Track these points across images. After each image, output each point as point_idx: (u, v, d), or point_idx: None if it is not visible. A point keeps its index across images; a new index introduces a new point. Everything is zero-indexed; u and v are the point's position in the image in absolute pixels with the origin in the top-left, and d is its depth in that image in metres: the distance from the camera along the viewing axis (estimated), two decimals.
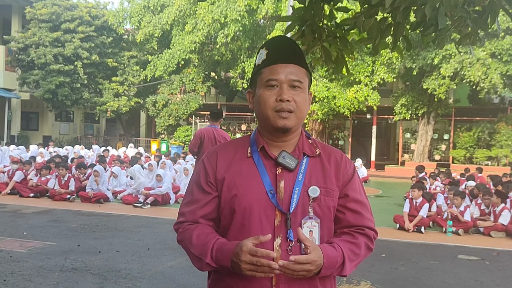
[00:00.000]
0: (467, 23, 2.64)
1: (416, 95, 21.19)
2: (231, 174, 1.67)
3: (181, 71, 24.78)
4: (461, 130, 22.53)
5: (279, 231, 1.60)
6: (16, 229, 7.65)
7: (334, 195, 1.69)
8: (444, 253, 7.12)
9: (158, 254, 6.34)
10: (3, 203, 10.20)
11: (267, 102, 1.65)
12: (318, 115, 21.82)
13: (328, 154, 1.75)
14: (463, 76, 18.68)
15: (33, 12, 23.55)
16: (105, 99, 24.35)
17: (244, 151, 1.72)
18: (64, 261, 5.89)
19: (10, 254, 6.10)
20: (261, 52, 1.71)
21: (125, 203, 10.64)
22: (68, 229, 7.82)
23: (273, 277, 1.57)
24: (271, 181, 1.64)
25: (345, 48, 3.67)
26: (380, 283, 5.48)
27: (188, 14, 22.13)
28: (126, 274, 5.46)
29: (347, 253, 1.62)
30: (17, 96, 24.85)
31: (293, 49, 1.70)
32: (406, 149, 24.01)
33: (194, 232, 1.65)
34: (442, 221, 8.70)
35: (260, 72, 1.68)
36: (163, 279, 5.35)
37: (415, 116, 21.95)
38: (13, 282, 5.02)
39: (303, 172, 1.67)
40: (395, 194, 14.12)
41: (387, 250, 7.13)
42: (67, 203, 10.45)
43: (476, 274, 5.99)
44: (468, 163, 20.95)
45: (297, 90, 1.66)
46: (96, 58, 23.68)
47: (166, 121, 24.84)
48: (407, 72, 20.69)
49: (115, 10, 24.73)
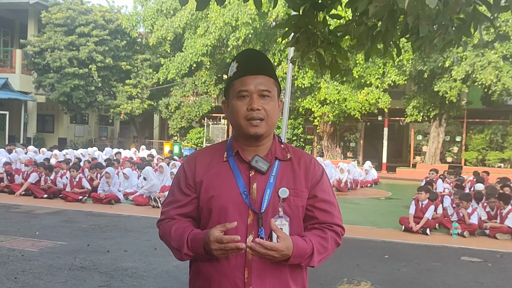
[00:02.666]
0: (449, 31, 2.75)
1: (427, 97, 21.12)
2: (209, 176, 1.82)
3: (193, 73, 25.04)
4: (474, 132, 22.40)
5: (252, 229, 1.74)
6: (28, 229, 7.88)
7: (303, 196, 1.82)
8: (447, 254, 7.18)
9: (164, 254, 6.48)
10: (17, 203, 10.48)
11: (239, 111, 1.79)
12: (329, 117, 21.89)
13: (298, 157, 1.88)
14: (475, 79, 18.59)
15: (48, 17, 24.00)
16: (118, 102, 24.71)
17: (221, 156, 1.86)
18: (73, 260, 6.09)
19: (22, 253, 6.31)
20: (233, 65, 1.85)
21: (136, 204, 10.85)
22: (79, 229, 8.03)
23: (246, 270, 1.72)
24: (245, 183, 1.78)
25: (339, 53, 3.78)
26: (380, 283, 5.57)
27: (200, 18, 22.37)
28: (133, 272, 5.63)
29: (316, 246, 1.75)
30: (33, 99, 25.33)
31: (261, 61, 1.84)
32: (418, 151, 23.93)
33: (173, 227, 1.81)
34: (448, 223, 8.74)
35: (232, 84, 1.82)
36: (168, 278, 5.51)
37: (427, 118, 21.88)
38: (23, 280, 5.21)
39: (275, 174, 1.81)
40: (405, 196, 14.13)
41: (390, 251, 7.21)
42: (79, 204, 10.70)
43: (477, 276, 6.04)
44: (480, 165, 20.84)
45: (266, 99, 1.79)
46: (110, 61, 24.05)
47: (179, 123, 25.12)
48: (419, 74, 20.63)
49: (129, 14, 25.09)
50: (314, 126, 23.95)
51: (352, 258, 6.68)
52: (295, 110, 23.66)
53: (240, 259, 1.72)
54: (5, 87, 23.72)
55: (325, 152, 24.03)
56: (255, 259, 1.71)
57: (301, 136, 24.56)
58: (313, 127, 24.25)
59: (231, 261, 1.72)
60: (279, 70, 21.03)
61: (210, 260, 1.74)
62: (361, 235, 8.39)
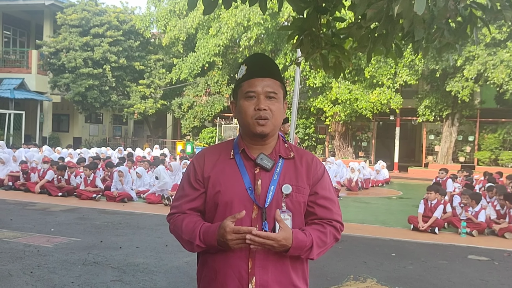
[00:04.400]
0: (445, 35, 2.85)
1: (440, 97, 21.04)
2: (216, 172, 1.94)
3: (206, 73, 25.23)
4: (486, 131, 22.26)
5: (256, 222, 1.86)
6: (44, 226, 8.10)
7: (305, 192, 1.94)
8: (454, 253, 7.23)
9: (175, 250, 6.64)
10: (33, 201, 10.73)
11: (247, 111, 1.91)
12: (341, 117, 21.91)
13: (300, 156, 2.01)
14: (487, 78, 18.50)
15: (63, 18, 24.36)
16: (132, 102, 25.00)
17: (228, 153, 1.99)
18: (87, 255, 6.27)
19: (38, 249, 6.51)
20: (242, 67, 1.98)
21: (148, 202, 11.05)
22: (93, 226, 8.23)
23: (249, 261, 1.84)
24: (250, 179, 1.90)
25: (342, 55, 3.90)
26: (386, 280, 5.66)
27: (212, 18, 22.53)
28: (144, 268, 5.79)
29: (316, 240, 1.87)
30: (48, 99, 25.75)
31: (269, 65, 1.97)
32: (430, 151, 23.84)
33: (184, 221, 1.93)
34: (457, 222, 8.77)
35: (241, 85, 1.95)
36: (178, 273, 5.66)
37: (439, 118, 21.79)
38: (38, 274, 5.40)
39: (278, 172, 1.93)
40: (416, 195, 14.13)
41: (398, 249, 7.28)
42: (93, 202, 10.92)
43: (483, 274, 6.10)
44: (493, 165, 20.72)
45: (273, 100, 1.92)
46: (124, 61, 24.35)
47: (192, 123, 25.34)
48: (431, 73, 20.57)
49: (142, 14, 25.34)
50: (325, 125, 24.00)
51: (359, 256, 6.78)
52: (307, 109, 23.73)
53: (244, 251, 1.83)
54: (21, 87, 24.18)
55: (337, 151, 24.06)
56: (258, 251, 1.82)
57: (313, 136, 24.61)
58: (325, 126, 24.29)
59: (236, 252, 1.83)
60: (290, 70, 21.12)
61: (217, 252, 1.86)
62: (370, 233, 8.47)
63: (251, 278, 1.83)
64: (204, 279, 1.96)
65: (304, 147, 24.25)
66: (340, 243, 7.42)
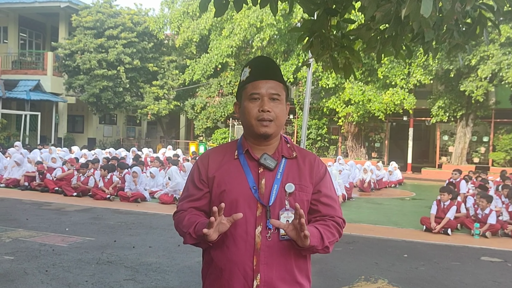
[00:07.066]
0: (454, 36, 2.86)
1: (454, 97, 20.88)
2: (221, 173, 1.99)
3: (218, 74, 25.34)
4: (501, 132, 22.02)
5: (260, 220, 1.91)
6: (59, 225, 8.22)
7: (308, 191, 1.99)
8: (467, 254, 7.19)
9: (187, 250, 6.70)
10: (48, 201, 10.88)
11: (251, 112, 1.96)
12: (354, 117, 21.84)
13: (303, 156, 2.05)
14: (502, 78, 18.32)
15: (78, 20, 24.65)
16: (146, 103, 25.20)
17: (232, 154, 2.03)
18: (100, 255, 6.36)
19: (53, 248, 6.62)
20: (245, 70, 2.02)
21: (161, 202, 11.14)
22: (107, 226, 8.34)
23: (254, 258, 1.87)
24: (254, 178, 1.95)
25: (352, 56, 3.92)
26: (398, 281, 5.65)
27: (225, 19, 22.62)
28: (156, 267, 5.86)
29: (323, 231, 1.91)
30: (63, 100, 26.05)
31: (272, 67, 2.02)
32: (443, 152, 23.65)
33: (186, 217, 1.99)
34: (470, 224, 8.72)
35: (245, 87, 1.99)
36: (190, 272, 5.72)
37: (453, 118, 21.61)
38: (53, 273, 5.50)
39: (281, 171, 1.98)
40: (429, 196, 14.04)
41: (410, 250, 7.26)
42: (107, 202, 11.04)
43: (496, 275, 6.07)
44: (508, 166, 20.48)
45: (276, 102, 1.96)
46: (138, 63, 24.56)
47: (204, 124, 25.46)
48: (445, 73, 20.41)
49: (156, 16, 25.56)
50: (338, 126, 23.94)
51: (371, 257, 6.78)
52: (320, 110, 23.70)
53: (249, 248, 1.87)
54: (37, 88, 24.51)
55: (350, 152, 23.98)
56: (263, 248, 1.87)
57: (325, 136, 24.56)
58: (338, 127, 24.23)
59: (240, 250, 1.87)
60: (303, 70, 21.12)
61: (221, 249, 1.90)
62: (382, 234, 8.46)
63: (256, 275, 1.87)
64: (209, 276, 2.00)
65: (317, 148, 24.23)
66: (352, 243, 7.43)
